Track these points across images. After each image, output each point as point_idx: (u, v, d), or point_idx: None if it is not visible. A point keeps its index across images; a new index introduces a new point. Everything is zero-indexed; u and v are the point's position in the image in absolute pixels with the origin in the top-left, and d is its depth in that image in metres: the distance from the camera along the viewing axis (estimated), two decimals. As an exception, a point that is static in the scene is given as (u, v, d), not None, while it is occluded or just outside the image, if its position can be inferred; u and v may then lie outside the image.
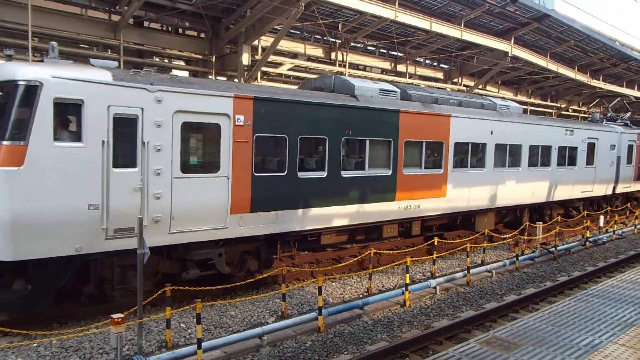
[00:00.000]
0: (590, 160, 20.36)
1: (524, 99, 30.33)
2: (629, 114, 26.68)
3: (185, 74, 17.39)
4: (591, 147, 20.40)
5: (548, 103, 32.60)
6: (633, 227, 20.42)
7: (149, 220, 8.45)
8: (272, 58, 17.32)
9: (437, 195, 13.90)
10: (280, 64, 18.48)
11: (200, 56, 17.24)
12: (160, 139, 8.59)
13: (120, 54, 14.94)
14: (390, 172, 12.57)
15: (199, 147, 9.69)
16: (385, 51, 22.56)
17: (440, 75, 25.13)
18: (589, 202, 21.74)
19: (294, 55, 19.18)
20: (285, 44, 18.25)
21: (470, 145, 14.82)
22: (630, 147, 23.31)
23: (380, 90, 12.72)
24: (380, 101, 12.43)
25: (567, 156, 19.08)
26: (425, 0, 18.78)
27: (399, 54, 22.39)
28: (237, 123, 9.60)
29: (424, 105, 13.51)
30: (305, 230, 11.17)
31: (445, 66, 25.36)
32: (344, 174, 11.60)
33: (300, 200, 10.82)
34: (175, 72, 17.21)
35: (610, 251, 16.71)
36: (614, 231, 19.00)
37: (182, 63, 17.93)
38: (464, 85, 25.21)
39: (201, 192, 9.18)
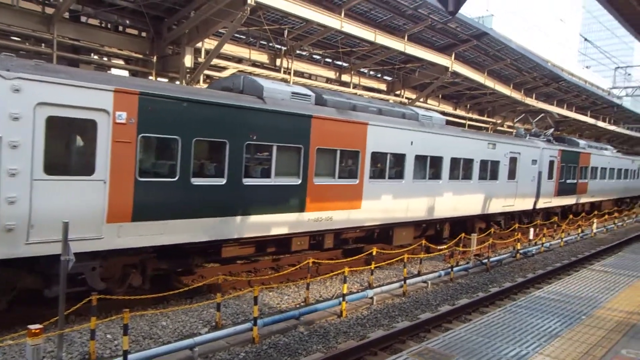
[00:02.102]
0: (512, 175, 20.43)
1: (462, 113, 31.35)
2: (551, 130, 27.89)
3: (125, 73, 16.77)
4: (513, 162, 20.46)
5: (485, 118, 33.84)
6: (560, 240, 21.43)
7: None
8: (216, 61, 17.00)
9: (351, 207, 13.30)
10: (224, 68, 18.16)
11: (140, 56, 16.68)
12: (18, 134, 7.55)
13: (53, 49, 14.21)
14: (299, 181, 11.90)
15: (68, 145, 8.63)
16: (330, 60, 22.69)
17: (383, 87, 25.54)
18: (511, 217, 21.88)
19: (239, 60, 18.92)
20: (229, 48, 17.98)
21: (388, 155, 14.33)
22: (551, 163, 23.72)
23: (293, 93, 12.13)
24: (292, 105, 11.78)
25: (489, 170, 18.98)
26: (371, 12, 19.05)
27: (344, 64, 22.59)
28: (118, 121, 8.64)
29: (340, 112, 12.94)
30: (200, 242, 10.18)
31: (389, 78, 25.80)
32: (247, 181, 10.79)
33: (195, 209, 9.87)
34: (113, 70, 16.57)
35: (538, 263, 17.45)
36: (542, 244, 19.88)
37: (121, 62, 17.28)
38: (407, 98, 25.75)
39: (70, 197, 8.16)
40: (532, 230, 20.93)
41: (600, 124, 42.24)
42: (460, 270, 15.08)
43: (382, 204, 14.24)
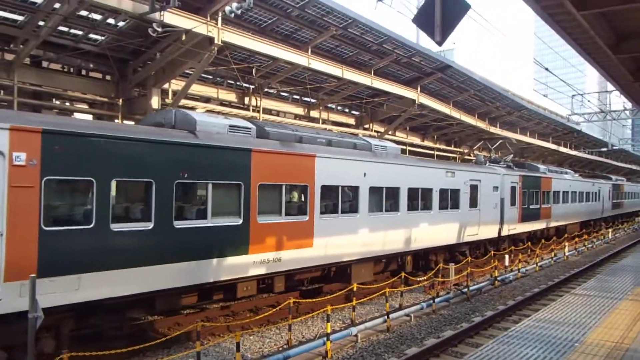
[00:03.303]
0: (474, 203, 19.89)
1: (430, 144, 31.81)
2: (511, 155, 28.12)
3: (90, 117, 16.36)
4: (474, 189, 19.98)
5: (452, 148, 34.41)
6: (535, 265, 21.54)
7: None
8: (183, 102, 16.81)
9: (302, 245, 12.34)
10: (192, 109, 17.96)
11: (105, 99, 16.35)
12: None
13: (14, 95, 13.78)
14: (241, 221, 10.89)
15: None
16: (298, 97, 22.80)
17: (352, 121, 25.74)
18: (476, 246, 21.31)
19: (207, 100, 18.79)
20: (197, 88, 17.85)
21: (340, 188, 13.49)
22: (513, 189, 23.36)
23: (231, 126, 11.31)
24: (228, 139, 10.92)
25: (450, 199, 18.38)
26: (337, 48, 19.31)
27: (312, 100, 22.71)
28: (16, 162, 7.65)
29: (284, 144, 12.15)
30: (125, 295, 9.01)
31: (357, 112, 26.05)
32: (179, 224, 9.74)
33: (116, 259, 8.78)
34: (77, 115, 16.15)
35: (517, 289, 17.40)
36: (518, 269, 19.92)
37: (85, 106, 16.90)
38: (375, 131, 25.97)
39: None
40: (507, 256, 20.98)
41: (562, 149, 43.54)
42: (442, 301, 14.87)
43: (337, 241, 13.37)
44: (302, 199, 12.57)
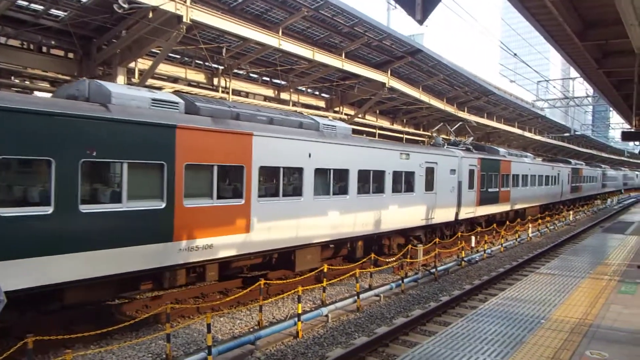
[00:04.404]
0: (429, 186, 19.37)
1: (399, 127, 32.01)
2: (471, 138, 28.09)
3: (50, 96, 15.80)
4: (430, 172, 19.43)
5: (421, 132, 34.73)
6: (500, 246, 22.07)
7: None
8: (150, 82, 16.40)
9: (237, 231, 11.41)
10: (160, 89, 17.56)
11: (68, 77, 15.80)
12: None
13: (-30, 72, 13.19)
14: (164, 205, 9.84)
15: None
16: (268, 79, 22.53)
17: (322, 104, 25.65)
18: (432, 230, 20.76)
19: (175, 80, 18.38)
20: (165, 68, 17.43)
21: (282, 170, 12.61)
22: (471, 172, 22.96)
23: (154, 100, 10.21)
24: (149, 114, 9.85)
25: (404, 182, 17.81)
26: (308, 30, 19.12)
27: (283, 82, 22.50)
28: None
29: (216, 121, 11.12)
30: (21, 289, 7.92)
31: (327, 95, 25.95)
32: (86, 209, 8.66)
33: (8, 248, 7.77)
34: (37, 94, 15.58)
35: (483, 269, 17.83)
36: (484, 250, 20.38)
37: (46, 84, 16.30)
38: (345, 114, 25.96)
39: None
40: (473, 238, 21.43)
41: (527, 134, 44.50)
42: (411, 282, 15.10)
43: (278, 226, 12.53)
44: (238, 180, 11.62)
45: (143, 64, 16.32)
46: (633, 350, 6.44)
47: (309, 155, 13.29)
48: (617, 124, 60.21)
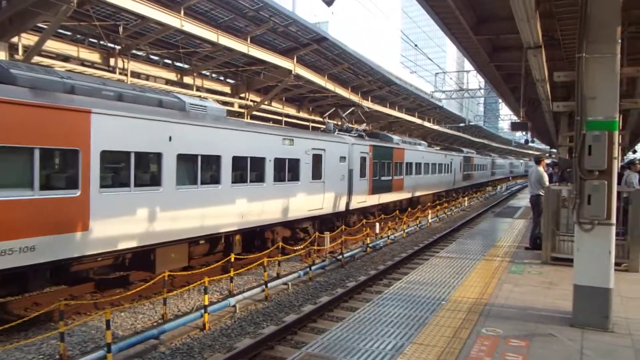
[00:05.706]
0: (317, 174, 18.22)
1: (305, 115, 32.12)
2: (364, 125, 28.28)
3: None
4: (317, 159, 18.25)
5: (327, 120, 35.06)
6: (402, 232, 22.93)
7: None
8: (37, 59, 15.00)
9: (71, 229, 9.51)
10: (48, 67, 16.12)
11: (-63, 52, 14.04)
12: None
13: None
14: None
15: None
16: (170, 62, 21.54)
17: (227, 89, 25.03)
18: (321, 221, 19.55)
19: (65, 59, 16.97)
20: (54, 45, 16.03)
21: (133, 155, 10.74)
22: (363, 159, 22.20)
23: None
24: None
25: (288, 169, 16.45)
26: (212, 12, 18.45)
27: (185, 66, 21.61)
28: None
29: (38, 94, 9.11)
30: None
31: (233, 81, 25.36)
32: None
33: None
34: None
35: (387, 255, 18.40)
36: (388, 236, 21.06)
37: None
38: (252, 101, 25.55)
39: None
40: (377, 224, 22.07)
41: (427, 124, 46.57)
42: (318, 269, 15.22)
43: (130, 221, 10.73)
44: (71, 167, 9.68)
45: (28, 39, 14.89)
46: (523, 325, 6.89)
47: (169, 139, 11.60)
48: (506, 115, 64.97)
